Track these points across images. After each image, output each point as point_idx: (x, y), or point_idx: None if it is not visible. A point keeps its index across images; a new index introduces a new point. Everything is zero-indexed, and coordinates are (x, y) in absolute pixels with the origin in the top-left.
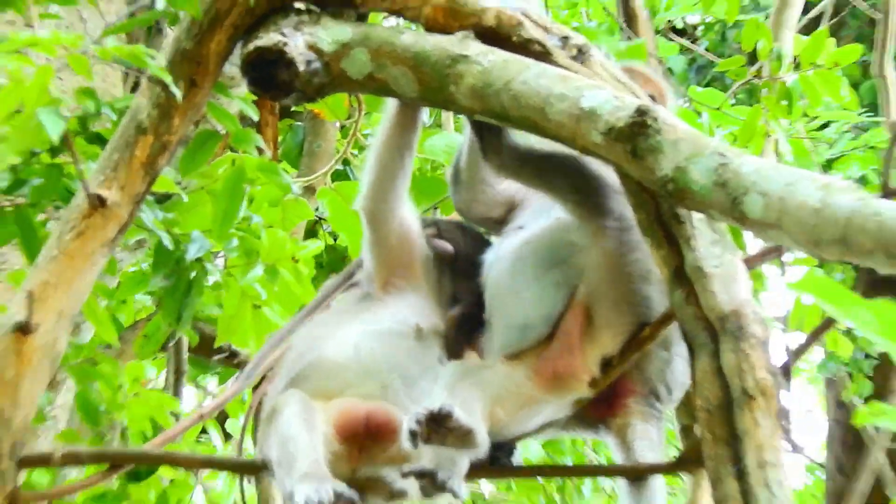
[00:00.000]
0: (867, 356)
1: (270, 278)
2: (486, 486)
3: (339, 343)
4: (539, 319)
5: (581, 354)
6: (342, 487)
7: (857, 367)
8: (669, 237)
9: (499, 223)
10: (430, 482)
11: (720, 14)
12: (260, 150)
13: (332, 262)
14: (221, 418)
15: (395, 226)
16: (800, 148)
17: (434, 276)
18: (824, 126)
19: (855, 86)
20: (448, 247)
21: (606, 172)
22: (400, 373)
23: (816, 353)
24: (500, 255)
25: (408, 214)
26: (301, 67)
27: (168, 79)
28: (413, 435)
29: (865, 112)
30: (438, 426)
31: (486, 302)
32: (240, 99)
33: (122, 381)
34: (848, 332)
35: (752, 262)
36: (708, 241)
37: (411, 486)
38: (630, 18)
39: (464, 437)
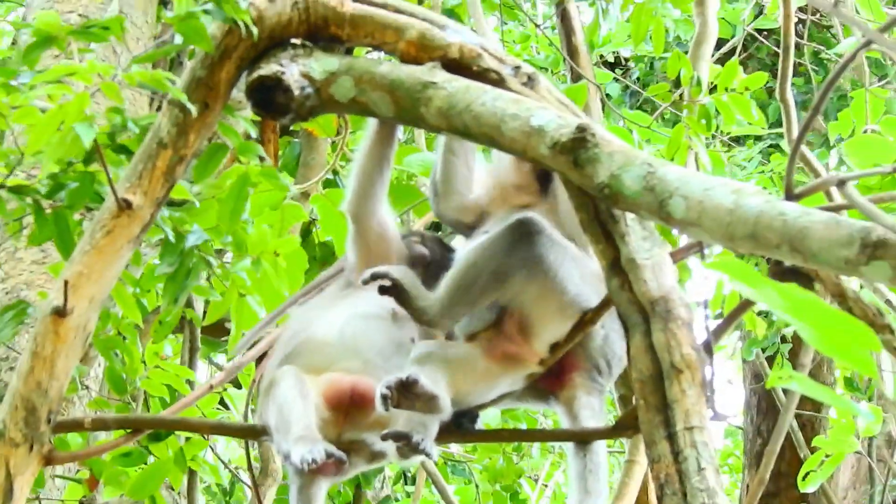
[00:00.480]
0: (783, 339)
1: (255, 269)
2: (455, 447)
3: (326, 325)
4: (484, 308)
5: (526, 346)
6: (332, 448)
7: (775, 349)
8: (607, 234)
9: (470, 227)
10: (406, 444)
11: (649, 48)
12: (262, 159)
13: (324, 256)
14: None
15: (375, 225)
16: (716, 158)
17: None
18: (737, 140)
19: (763, 107)
20: (425, 251)
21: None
22: (378, 350)
23: (735, 335)
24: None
25: (385, 215)
26: (296, 92)
27: (184, 98)
28: (385, 399)
29: (772, 126)
30: (407, 392)
31: None
32: (244, 119)
33: (143, 356)
34: (762, 314)
35: (677, 256)
36: (640, 237)
37: (390, 448)
38: (572, 52)
39: (429, 402)
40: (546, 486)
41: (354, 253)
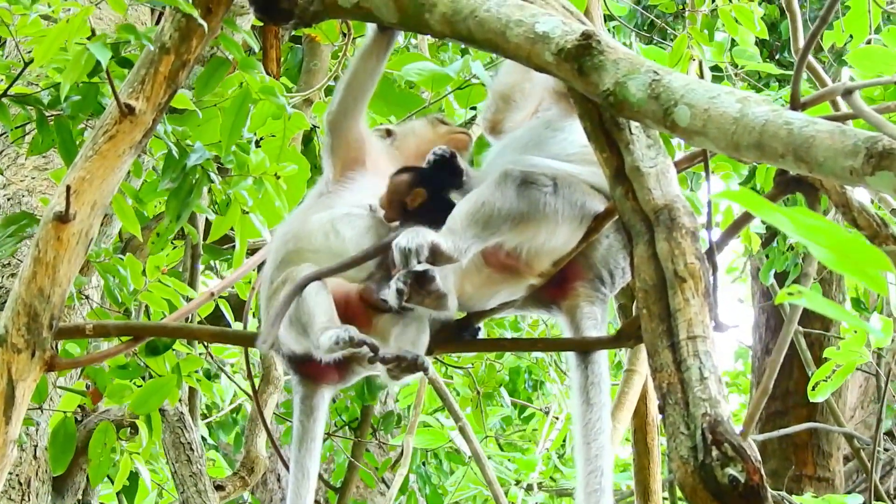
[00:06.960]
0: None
1: (257, 188)
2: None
3: (311, 232)
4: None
5: (529, 269)
6: (360, 334)
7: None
8: (611, 142)
9: None
10: (401, 364)
11: None
12: (267, 72)
13: None
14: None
15: (354, 137)
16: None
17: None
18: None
19: (774, 24)
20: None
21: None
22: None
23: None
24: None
25: (364, 126)
26: None
27: (195, 13)
28: (400, 293)
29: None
30: (420, 287)
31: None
32: (245, 32)
33: (144, 269)
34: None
35: (680, 165)
36: (644, 145)
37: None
38: None
39: (439, 300)
40: (557, 419)
41: (329, 161)
